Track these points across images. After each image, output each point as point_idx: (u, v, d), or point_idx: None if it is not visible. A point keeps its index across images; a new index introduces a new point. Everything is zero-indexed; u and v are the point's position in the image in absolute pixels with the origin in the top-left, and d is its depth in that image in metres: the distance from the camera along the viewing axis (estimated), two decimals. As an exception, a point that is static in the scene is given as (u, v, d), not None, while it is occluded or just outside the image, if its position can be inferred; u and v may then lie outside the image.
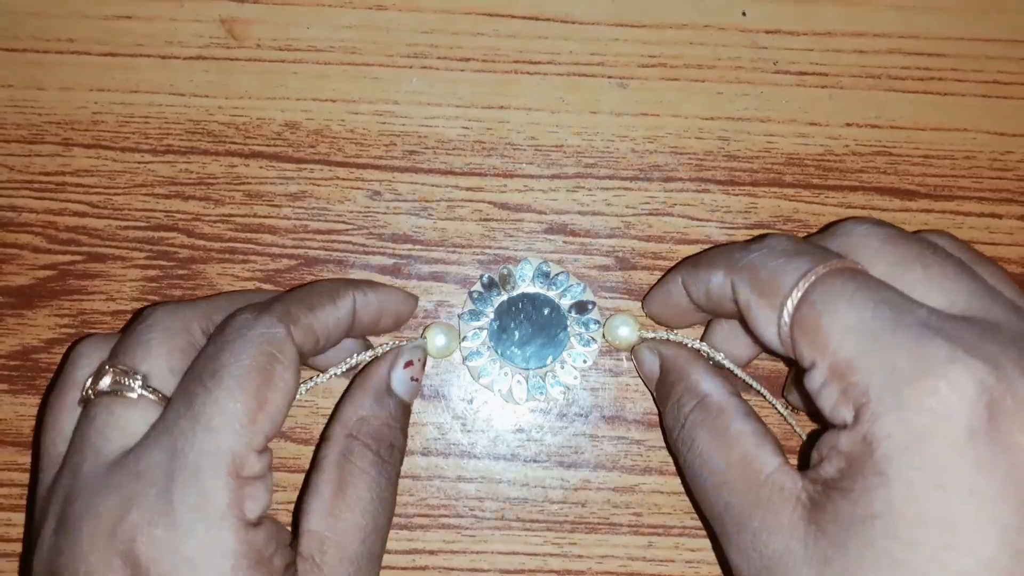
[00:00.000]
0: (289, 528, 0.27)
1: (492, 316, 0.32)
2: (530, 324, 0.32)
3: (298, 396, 0.27)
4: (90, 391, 0.26)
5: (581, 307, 0.32)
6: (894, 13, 0.34)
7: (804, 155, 0.34)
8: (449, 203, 0.34)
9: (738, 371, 0.31)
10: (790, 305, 0.24)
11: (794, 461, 0.31)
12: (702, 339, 0.32)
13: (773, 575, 0.23)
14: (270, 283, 0.33)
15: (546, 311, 0.32)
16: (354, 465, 0.28)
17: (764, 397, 0.32)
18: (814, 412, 0.27)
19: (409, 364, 0.30)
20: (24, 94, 0.34)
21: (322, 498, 0.27)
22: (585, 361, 0.32)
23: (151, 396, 0.26)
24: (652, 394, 0.32)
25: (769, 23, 0.34)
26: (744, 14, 0.34)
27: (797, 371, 0.28)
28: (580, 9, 0.34)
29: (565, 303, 0.32)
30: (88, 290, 0.33)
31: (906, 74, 0.34)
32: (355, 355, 0.30)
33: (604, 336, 0.32)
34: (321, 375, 0.30)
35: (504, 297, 0.32)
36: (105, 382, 0.26)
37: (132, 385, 0.26)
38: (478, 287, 0.33)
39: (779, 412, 0.32)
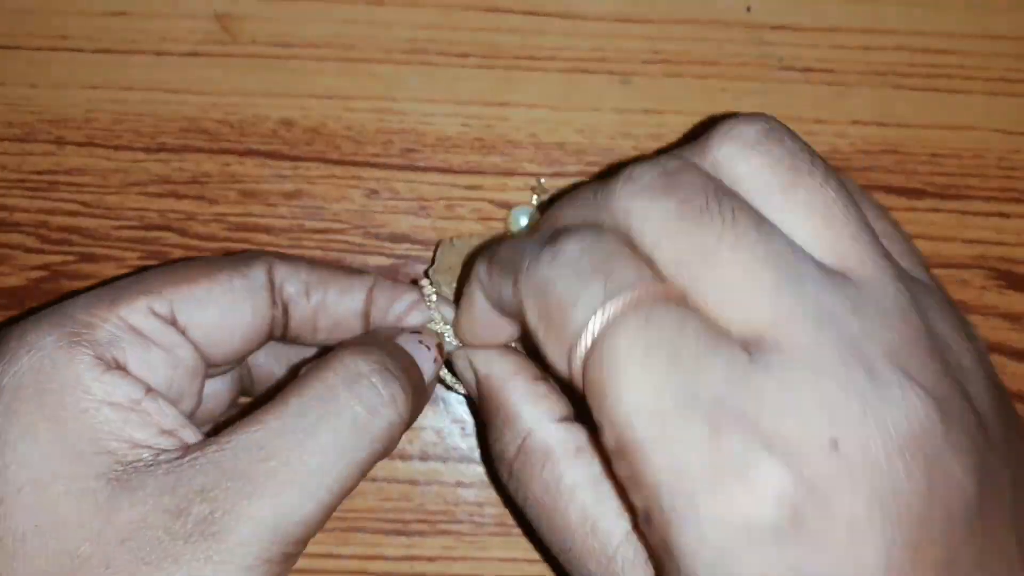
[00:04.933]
0: None
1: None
2: None
3: None
4: None
5: None
6: (900, 9, 0.34)
7: (809, 153, 0.33)
8: (448, 202, 0.33)
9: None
10: (580, 350, 0.20)
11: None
12: None
13: None
14: (266, 283, 0.33)
15: None
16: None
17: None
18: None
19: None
20: (16, 91, 0.33)
21: None
22: None
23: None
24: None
25: (774, 19, 0.34)
26: (749, 10, 0.34)
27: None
28: (582, 4, 0.33)
29: None
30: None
31: (912, 71, 0.34)
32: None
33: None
34: None
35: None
36: None
37: None
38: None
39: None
